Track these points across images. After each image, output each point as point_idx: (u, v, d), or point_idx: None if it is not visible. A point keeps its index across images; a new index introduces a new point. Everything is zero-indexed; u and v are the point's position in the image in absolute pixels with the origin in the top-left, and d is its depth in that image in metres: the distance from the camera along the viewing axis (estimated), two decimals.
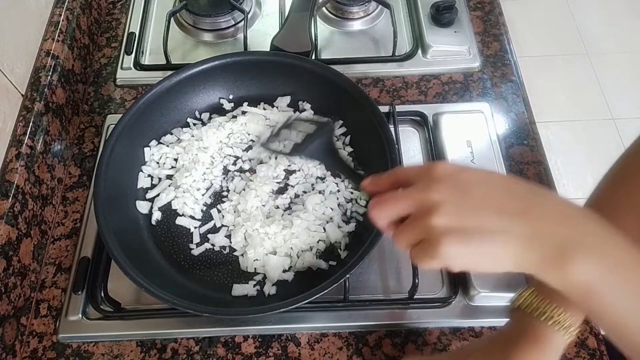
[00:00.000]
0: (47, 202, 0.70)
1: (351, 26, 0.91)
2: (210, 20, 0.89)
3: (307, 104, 0.77)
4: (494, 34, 0.89)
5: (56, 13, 0.80)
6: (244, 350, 0.62)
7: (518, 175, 0.74)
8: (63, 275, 0.68)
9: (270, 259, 0.64)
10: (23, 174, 0.65)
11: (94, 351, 0.62)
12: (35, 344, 0.63)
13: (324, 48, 0.88)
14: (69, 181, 0.76)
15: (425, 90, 0.83)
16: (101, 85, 0.85)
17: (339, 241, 0.66)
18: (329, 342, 0.63)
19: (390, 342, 0.63)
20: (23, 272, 0.64)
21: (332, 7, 0.91)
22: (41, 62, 0.74)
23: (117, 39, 0.91)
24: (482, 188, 0.40)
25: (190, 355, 0.62)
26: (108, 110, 0.82)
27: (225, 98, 0.78)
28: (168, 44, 0.83)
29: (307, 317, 0.63)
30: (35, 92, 0.71)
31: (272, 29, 0.89)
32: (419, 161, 0.76)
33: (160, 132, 0.74)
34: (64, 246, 0.70)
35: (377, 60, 0.85)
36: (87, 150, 0.79)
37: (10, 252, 0.61)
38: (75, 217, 0.72)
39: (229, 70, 0.75)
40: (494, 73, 0.84)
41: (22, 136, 0.67)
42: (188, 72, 0.72)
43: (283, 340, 0.63)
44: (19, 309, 0.63)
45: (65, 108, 0.77)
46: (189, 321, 0.64)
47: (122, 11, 0.94)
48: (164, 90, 0.71)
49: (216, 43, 0.90)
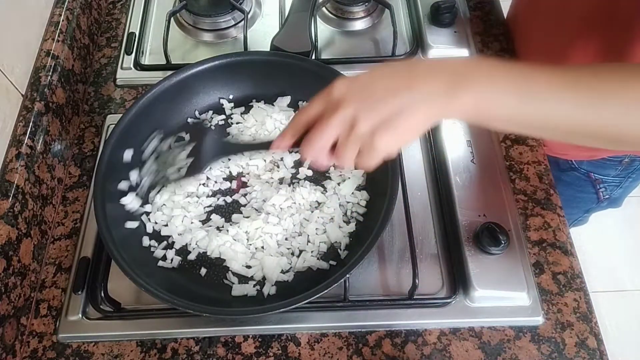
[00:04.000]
0: (47, 202, 0.70)
1: (351, 26, 0.91)
2: (210, 20, 0.89)
3: (307, 104, 0.77)
4: (494, 34, 0.89)
5: (56, 13, 0.80)
6: (244, 350, 0.62)
7: (518, 175, 0.74)
8: (63, 275, 0.68)
9: (265, 260, 0.64)
10: (23, 174, 0.65)
11: (94, 351, 0.62)
12: (35, 344, 0.63)
13: (324, 48, 0.88)
14: (69, 181, 0.76)
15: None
16: (101, 85, 0.85)
17: (339, 241, 0.66)
18: (329, 342, 0.63)
19: (390, 342, 0.63)
20: (23, 272, 0.64)
21: (332, 7, 0.91)
22: (41, 62, 0.74)
23: (117, 39, 0.91)
24: (376, 83, 0.46)
25: (190, 355, 0.62)
26: (108, 110, 0.82)
27: (225, 98, 0.78)
28: (168, 44, 0.83)
29: (307, 317, 0.63)
30: (35, 92, 0.71)
31: (272, 29, 0.89)
32: (419, 161, 0.75)
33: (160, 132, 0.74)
34: (64, 246, 0.70)
35: (377, 60, 0.85)
36: (87, 150, 0.79)
37: (10, 252, 0.61)
38: (75, 217, 0.72)
39: (229, 70, 0.75)
40: None
41: (22, 136, 0.67)
42: (188, 72, 0.72)
43: (283, 340, 0.63)
44: (19, 309, 0.63)
45: (65, 108, 0.77)
46: (189, 321, 0.64)
47: (122, 11, 0.94)
48: (164, 90, 0.71)
49: (216, 43, 0.90)
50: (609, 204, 0.91)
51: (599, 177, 0.85)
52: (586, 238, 1.58)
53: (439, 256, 0.68)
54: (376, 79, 0.47)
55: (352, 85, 0.47)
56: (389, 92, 0.45)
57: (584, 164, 0.84)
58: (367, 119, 0.45)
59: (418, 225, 0.69)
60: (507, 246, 0.64)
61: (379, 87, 0.46)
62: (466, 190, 0.69)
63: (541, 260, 0.67)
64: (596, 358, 0.61)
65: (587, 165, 0.84)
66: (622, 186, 0.87)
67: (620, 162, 0.81)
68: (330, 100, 0.47)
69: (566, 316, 0.64)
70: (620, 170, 0.82)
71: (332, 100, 0.47)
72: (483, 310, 0.63)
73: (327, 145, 0.48)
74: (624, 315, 1.63)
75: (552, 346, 0.62)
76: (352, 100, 0.46)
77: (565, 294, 0.65)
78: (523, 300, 0.63)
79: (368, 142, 0.46)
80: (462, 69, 0.46)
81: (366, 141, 0.46)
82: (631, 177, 0.84)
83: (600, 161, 0.82)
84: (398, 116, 0.45)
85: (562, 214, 0.71)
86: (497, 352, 0.62)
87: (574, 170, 0.85)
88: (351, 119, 0.46)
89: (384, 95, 0.45)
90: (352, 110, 0.46)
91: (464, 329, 0.63)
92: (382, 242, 0.68)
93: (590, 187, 0.87)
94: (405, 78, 0.46)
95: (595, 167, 0.84)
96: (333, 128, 0.47)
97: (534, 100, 0.45)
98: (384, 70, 0.48)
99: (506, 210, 0.68)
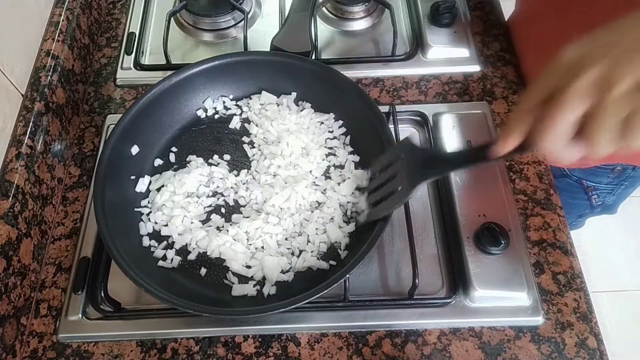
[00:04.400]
0: (47, 202, 0.70)
1: (351, 26, 0.91)
2: (210, 20, 0.89)
3: (307, 104, 0.77)
4: (494, 34, 0.89)
5: (56, 13, 0.80)
6: (244, 350, 0.62)
7: (518, 175, 0.74)
8: (63, 275, 0.68)
9: (265, 260, 0.64)
10: (23, 174, 0.65)
11: (94, 351, 0.62)
12: (35, 344, 0.63)
13: (324, 48, 0.88)
14: (69, 181, 0.76)
15: (425, 90, 0.83)
16: (101, 85, 0.85)
17: (339, 241, 0.66)
18: (329, 342, 0.63)
19: (390, 342, 0.63)
20: (23, 272, 0.64)
21: (332, 7, 0.91)
22: (41, 62, 0.74)
23: (117, 39, 0.91)
24: (622, 35, 0.36)
25: (190, 355, 0.62)
26: (108, 110, 0.82)
27: (226, 98, 0.78)
28: (168, 44, 0.83)
29: (307, 317, 0.64)
30: (35, 92, 0.71)
31: (272, 29, 0.89)
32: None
33: (160, 132, 0.74)
34: (64, 246, 0.70)
35: (377, 60, 0.85)
36: (87, 150, 0.79)
37: (10, 252, 0.61)
38: (75, 217, 0.72)
39: (229, 70, 0.75)
40: (494, 73, 0.84)
41: (22, 136, 0.67)
42: (188, 72, 0.72)
43: (283, 340, 0.63)
44: (19, 309, 0.63)
45: (65, 108, 0.77)
46: (189, 321, 0.64)
47: (122, 11, 0.94)
48: (164, 90, 0.71)
49: (216, 43, 0.90)
50: (603, 210, 0.91)
51: (591, 184, 0.84)
52: (586, 238, 1.58)
53: (439, 256, 0.68)
54: (618, 32, 0.36)
55: (590, 45, 0.36)
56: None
57: (576, 172, 0.83)
58: (628, 72, 0.34)
59: (418, 225, 0.69)
60: (507, 246, 0.64)
61: (628, 38, 0.35)
62: (466, 190, 0.69)
63: (541, 260, 0.67)
64: (596, 358, 0.61)
65: (579, 172, 0.83)
66: (615, 193, 0.86)
67: (612, 170, 0.80)
68: (563, 68, 0.36)
69: (566, 316, 0.64)
70: (613, 177, 0.82)
71: (566, 68, 0.36)
72: (483, 310, 0.63)
73: (569, 126, 0.36)
74: (624, 315, 1.64)
75: (552, 346, 0.62)
76: (597, 58, 0.35)
77: (565, 294, 0.65)
78: (523, 300, 0.63)
79: (636, 106, 0.34)
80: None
81: (636, 104, 0.34)
82: (624, 185, 0.84)
83: (592, 169, 0.81)
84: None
85: (562, 214, 0.71)
86: (497, 352, 0.62)
87: (566, 177, 0.85)
88: (603, 80, 0.34)
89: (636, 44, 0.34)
90: (601, 68, 0.34)
91: (464, 329, 0.63)
92: (382, 242, 0.68)
93: (582, 194, 0.87)
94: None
95: (587, 175, 0.83)
96: (579, 99, 0.35)
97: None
98: (626, 23, 0.37)
99: (506, 210, 0.68)
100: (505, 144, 0.41)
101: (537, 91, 0.38)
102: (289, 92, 0.77)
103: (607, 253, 1.73)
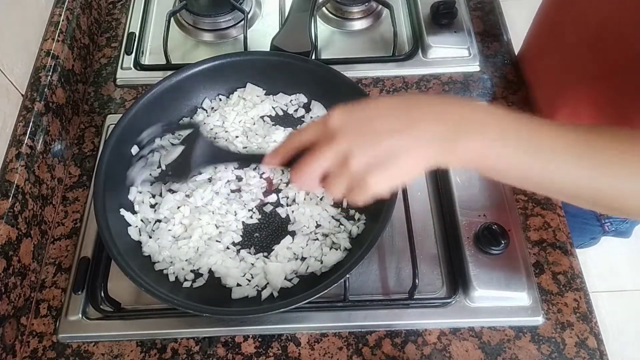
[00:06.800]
0: (47, 202, 0.70)
1: (351, 26, 0.91)
2: (210, 20, 0.89)
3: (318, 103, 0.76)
4: (494, 34, 0.89)
5: (56, 13, 0.80)
6: (244, 350, 0.62)
7: None
8: (63, 275, 0.68)
9: (269, 267, 0.63)
10: (23, 174, 0.65)
11: (94, 351, 0.62)
12: (35, 344, 0.63)
13: (324, 48, 0.88)
14: (69, 181, 0.76)
15: (425, 90, 0.83)
16: (101, 85, 0.85)
17: (339, 241, 0.66)
18: (329, 342, 0.63)
19: (390, 342, 0.63)
20: (23, 272, 0.64)
21: (332, 7, 0.91)
22: (41, 62, 0.74)
23: (117, 39, 0.91)
24: (375, 120, 0.45)
25: (190, 355, 0.62)
26: (108, 110, 0.82)
27: (226, 97, 0.78)
28: (168, 44, 0.83)
29: (307, 317, 0.63)
30: (35, 92, 0.71)
31: (272, 29, 0.89)
32: None
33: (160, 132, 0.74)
34: (64, 246, 0.70)
35: (377, 60, 0.85)
36: (87, 150, 0.79)
37: (10, 252, 0.61)
38: (75, 217, 0.72)
39: (229, 70, 0.75)
40: (494, 73, 0.84)
41: (22, 136, 0.67)
42: (188, 72, 0.72)
43: (283, 340, 0.63)
44: (19, 309, 0.63)
45: (65, 108, 0.77)
46: (189, 321, 0.64)
47: (122, 11, 0.94)
48: (164, 91, 0.71)
49: (216, 43, 0.90)
50: (617, 234, 0.89)
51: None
52: None
53: (439, 256, 0.68)
54: (376, 115, 0.45)
55: (351, 118, 0.46)
56: (388, 132, 0.44)
57: None
58: (361, 156, 0.44)
59: (418, 225, 0.69)
60: (507, 246, 0.64)
61: (378, 124, 0.44)
62: (466, 190, 0.69)
63: (541, 260, 0.67)
64: (596, 358, 0.61)
65: None
66: (629, 221, 0.84)
67: None
68: (326, 130, 0.46)
69: (566, 316, 0.64)
70: None
71: (328, 130, 0.46)
72: (483, 310, 0.63)
73: (317, 175, 0.47)
74: (624, 315, 1.63)
75: (552, 346, 0.62)
76: (348, 134, 0.45)
77: (565, 294, 0.65)
78: (523, 300, 0.63)
79: (359, 179, 0.44)
80: (470, 115, 0.44)
81: (358, 178, 0.45)
82: None
83: None
84: (393, 157, 0.43)
85: (562, 214, 0.71)
86: (497, 352, 0.62)
87: None
88: (345, 154, 0.44)
89: (381, 134, 0.44)
90: (347, 145, 0.44)
91: (464, 329, 0.63)
92: (382, 242, 0.68)
93: (595, 221, 0.86)
94: (406, 118, 0.44)
95: None
96: (325, 160, 0.45)
97: (541, 159, 0.44)
98: (385, 105, 0.46)
99: (506, 210, 0.68)
100: (270, 159, 0.52)
101: (305, 135, 0.48)
102: (289, 92, 0.77)
103: (607, 253, 1.73)
